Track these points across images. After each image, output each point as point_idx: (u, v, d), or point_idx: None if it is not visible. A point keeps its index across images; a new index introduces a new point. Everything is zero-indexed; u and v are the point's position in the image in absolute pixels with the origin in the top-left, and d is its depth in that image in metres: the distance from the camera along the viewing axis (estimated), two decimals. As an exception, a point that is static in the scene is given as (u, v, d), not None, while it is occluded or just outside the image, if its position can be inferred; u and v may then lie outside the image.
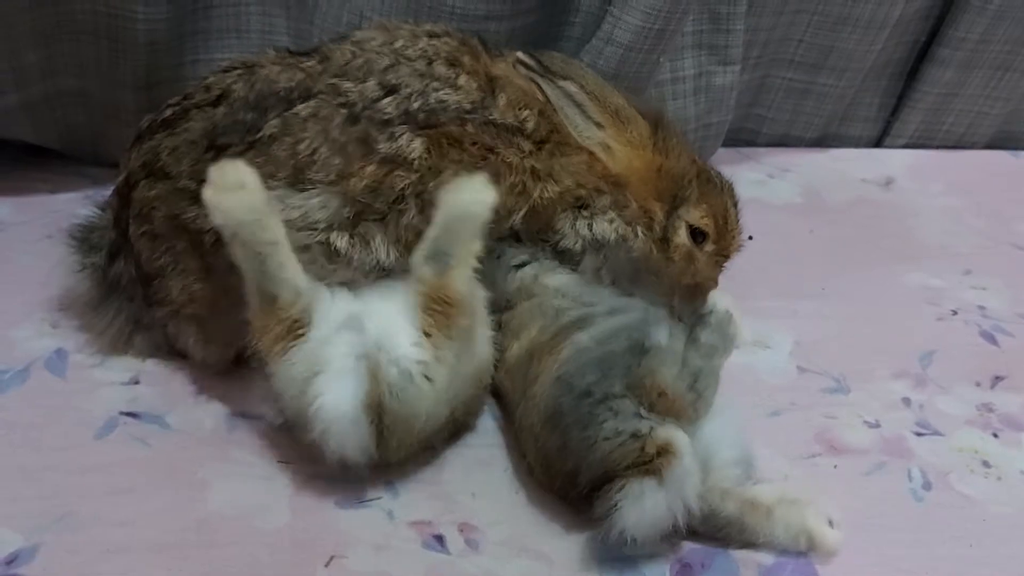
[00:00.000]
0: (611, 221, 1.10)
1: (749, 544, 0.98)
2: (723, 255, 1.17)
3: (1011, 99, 1.70)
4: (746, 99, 1.61)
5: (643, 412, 0.95)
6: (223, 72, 1.07)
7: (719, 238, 1.15)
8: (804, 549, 0.98)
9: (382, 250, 1.03)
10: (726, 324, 0.97)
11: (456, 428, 1.07)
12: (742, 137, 1.68)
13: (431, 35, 1.09)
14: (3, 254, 1.28)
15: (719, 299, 0.98)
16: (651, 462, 0.92)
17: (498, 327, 1.11)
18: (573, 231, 1.11)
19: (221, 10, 1.35)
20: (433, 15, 1.25)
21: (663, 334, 1.00)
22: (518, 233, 1.12)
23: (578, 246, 1.11)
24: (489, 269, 1.11)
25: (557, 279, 1.12)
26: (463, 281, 0.97)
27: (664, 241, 1.13)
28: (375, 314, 0.99)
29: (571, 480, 0.96)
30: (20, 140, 1.39)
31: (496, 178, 1.01)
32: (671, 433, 0.94)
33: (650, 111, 1.13)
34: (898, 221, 1.56)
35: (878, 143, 1.74)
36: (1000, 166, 1.73)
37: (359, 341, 0.96)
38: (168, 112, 1.06)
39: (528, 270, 1.13)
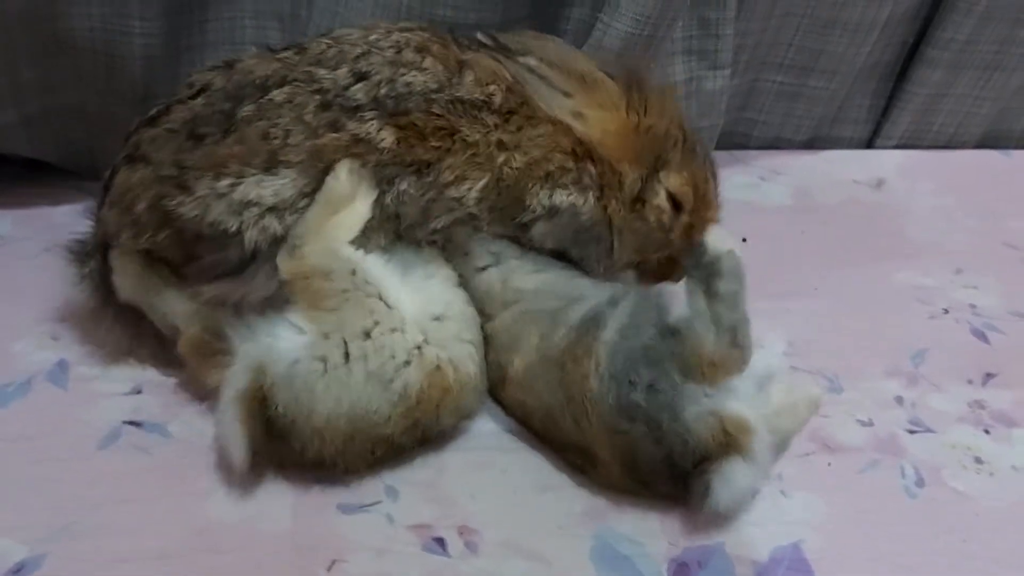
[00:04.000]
0: (569, 194, 1.09)
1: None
2: (696, 228, 1.13)
3: (1000, 98, 1.71)
4: (737, 103, 1.63)
5: (706, 391, 0.97)
6: (206, 71, 1.10)
7: (695, 210, 1.13)
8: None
9: None
10: (735, 263, 0.98)
11: (423, 429, 1.05)
12: (734, 140, 1.69)
13: (404, 29, 1.11)
14: (4, 268, 1.30)
15: (715, 241, 0.98)
16: (733, 441, 0.96)
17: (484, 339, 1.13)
18: (538, 203, 1.09)
19: (216, 23, 1.36)
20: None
21: (678, 307, 1.01)
22: (476, 219, 1.10)
23: (539, 216, 1.11)
24: (461, 268, 1.14)
25: (531, 280, 1.12)
26: (318, 254, 1.01)
27: (639, 202, 1.11)
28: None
29: (664, 467, 0.98)
30: (19, 155, 1.40)
31: (447, 157, 1.05)
32: (738, 408, 0.97)
33: (626, 71, 1.11)
34: (889, 221, 1.57)
35: (869, 144, 1.76)
36: (990, 165, 1.74)
37: (250, 350, 1.01)
38: (154, 111, 1.09)
39: (494, 273, 1.13)
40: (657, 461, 0.99)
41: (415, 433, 1.04)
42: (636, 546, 0.99)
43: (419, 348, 1.03)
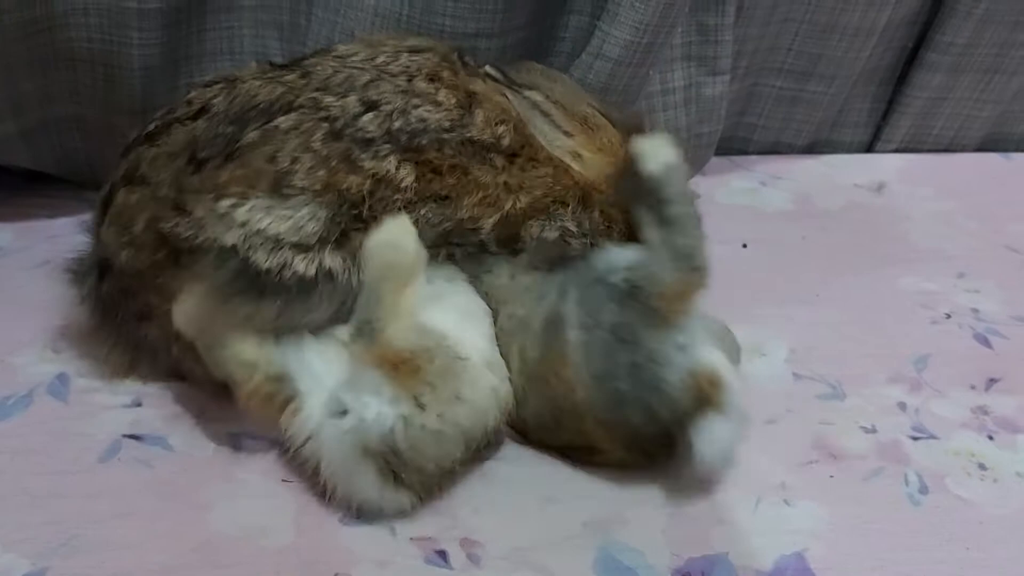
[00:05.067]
0: (561, 224, 1.11)
1: None
2: None
3: (1000, 101, 1.71)
4: (736, 108, 1.63)
5: (678, 342, 0.97)
6: (205, 87, 1.08)
7: None
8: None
9: None
10: (678, 181, 0.94)
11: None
12: (733, 146, 1.69)
13: (413, 51, 1.11)
14: (4, 280, 1.29)
15: (651, 158, 0.94)
16: (706, 397, 0.97)
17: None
18: (529, 235, 1.11)
19: (214, 33, 1.36)
20: (423, 33, 1.26)
21: (612, 254, 1.02)
22: (484, 245, 1.11)
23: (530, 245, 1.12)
24: (471, 270, 1.14)
25: (524, 278, 1.12)
26: (404, 334, 0.96)
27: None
28: (346, 379, 0.99)
29: (664, 437, 0.99)
30: (18, 166, 1.40)
31: (464, 197, 1.05)
32: (711, 359, 0.98)
33: (626, 120, 1.14)
34: (891, 225, 1.57)
35: (869, 148, 1.76)
36: (991, 168, 1.74)
37: (349, 425, 0.98)
38: (152, 126, 1.08)
39: (505, 267, 1.13)
40: (656, 435, 1.00)
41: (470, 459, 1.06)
42: (639, 556, 0.99)
43: (494, 388, 1.03)
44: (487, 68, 1.12)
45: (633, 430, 1.01)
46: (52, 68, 1.29)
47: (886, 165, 1.71)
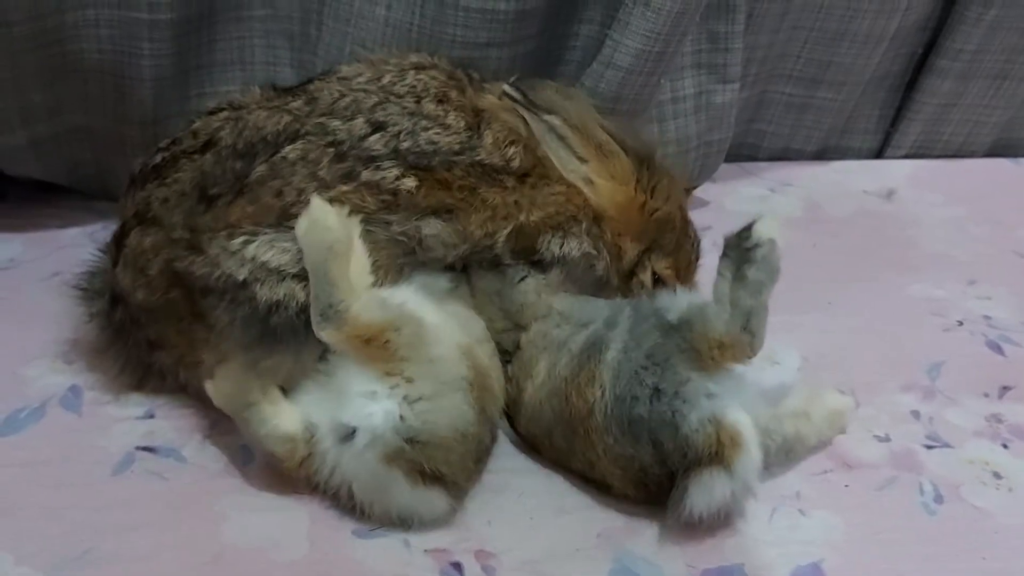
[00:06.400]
0: (580, 244, 1.12)
1: (807, 451, 1.11)
2: None
3: (1009, 107, 1.71)
4: (746, 115, 1.63)
5: (709, 389, 0.97)
6: (209, 115, 1.09)
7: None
8: (842, 429, 1.15)
9: None
10: (771, 255, 0.97)
11: (492, 424, 1.07)
12: (743, 152, 1.69)
13: (418, 68, 1.11)
14: (15, 291, 1.29)
15: (762, 228, 0.98)
16: (722, 451, 0.96)
17: (517, 347, 1.13)
18: (548, 251, 1.12)
19: (225, 43, 1.36)
20: (434, 44, 1.26)
21: (678, 296, 1.06)
22: (499, 257, 1.11)
23: (549, 261, 1.13)
24: (498, 286, 1.13)
25: (559, 300, 1.13)
26: (368, 309, 0.98)
27: (629, 275, 1.16)
28: (340, 404, 0.99)
29: (670, 481, 0.99)
30: (29, 177, 1.40)
31: (472, 214, 1.06)
32: (738, 418, 0.98)
33: (639, 149, 1.15)
34: (901, 232, 1.56)
35: (878, 154, 1.75)
36: (1000, 174, 1.74)
37: (364, 442, 0.97)
38: (158, 158, 1.08)
39: (531, 283, 1.13)
40: (664, 478, 0.99)
41: (489, 430, 1.06)
42: (654, 568, 0.98)
43: (457, 344, 1.03)
44: (505, 88, 1.12)
45: (642, 468, 1.00)
46: (62, 79, 1.29)
47: (896, 171, 1.71)
